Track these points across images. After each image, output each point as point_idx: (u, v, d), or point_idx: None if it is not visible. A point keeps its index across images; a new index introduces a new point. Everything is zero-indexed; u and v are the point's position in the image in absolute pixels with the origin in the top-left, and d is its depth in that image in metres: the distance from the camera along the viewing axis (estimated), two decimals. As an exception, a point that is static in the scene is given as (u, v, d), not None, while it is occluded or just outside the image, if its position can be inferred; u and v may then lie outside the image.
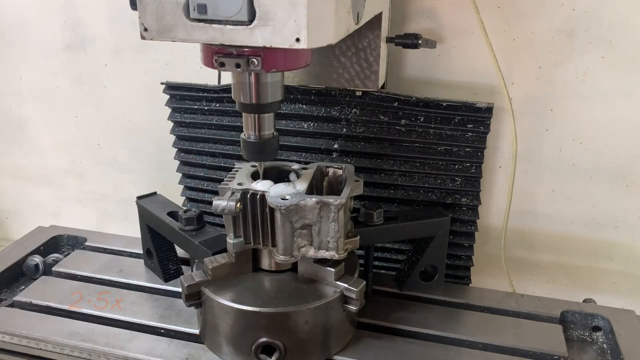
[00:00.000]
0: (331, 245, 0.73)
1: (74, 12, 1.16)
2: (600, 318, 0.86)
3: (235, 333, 0.75)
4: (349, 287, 0.75)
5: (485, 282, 1.08)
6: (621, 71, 0.93)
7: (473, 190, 0.94)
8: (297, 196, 0.72)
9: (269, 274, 0.80)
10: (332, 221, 0.72)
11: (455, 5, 0.95)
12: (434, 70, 1.00)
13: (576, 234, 1.06)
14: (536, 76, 0.97)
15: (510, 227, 1.04)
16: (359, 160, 0.96)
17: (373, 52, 0.87)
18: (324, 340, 0.77)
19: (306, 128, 0.97)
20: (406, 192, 0.97)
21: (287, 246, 0.73)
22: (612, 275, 1.08)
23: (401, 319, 0.85)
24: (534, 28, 0.94)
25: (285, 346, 0.73)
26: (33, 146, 1.34)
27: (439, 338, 0.82)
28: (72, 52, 1.20)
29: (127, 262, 1.00)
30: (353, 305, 0.76)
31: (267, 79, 0.67)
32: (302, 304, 0.73)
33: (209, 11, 0.53)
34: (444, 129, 0.92)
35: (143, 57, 1.15)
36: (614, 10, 0.90)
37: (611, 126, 0.97)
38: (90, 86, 1.22)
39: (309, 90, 0.94)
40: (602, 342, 0.85)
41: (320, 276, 0.78)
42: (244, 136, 0.73)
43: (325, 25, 0.54)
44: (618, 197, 1.01)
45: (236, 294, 0.75)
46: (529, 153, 1.01)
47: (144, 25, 0.56)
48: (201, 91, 1.01)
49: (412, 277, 0.91)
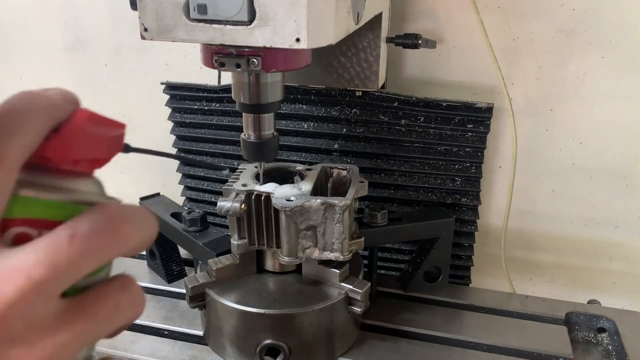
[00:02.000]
0: (336, 246, 0.73)
1: (74, 12, 1.16)
2: (605, 319, 0.86)
3: (240, 335, 0.74)
4: (353, 289, 0.75)
5: (485, 282, 1.08)
6: (621, 71, 0.93)
7: (473, 190, 0.94)
8: (302, 197, 0.72)
9: (273, 275, 0.80)
10: (337, 222, 0.72)
11: (455, 5, 0.95)
12: (434, 70, 1.00)
13: (576, 234, 1.06)
14: (536, 76, 0.97)
15: (510, 227, 1.04)
16: (359, 160, 0.96)
17: (373, 52, 0.87)
18: (329, 342, 0.76)
19: (306, 128, 0.97)
20: (406, 192, 0.97)
21: (292, 247, 0.73)
22: (612, 275, 1.07)
23: (405, 320, 0.84)
24: (534, 28, 0.94)
25: (289, 348, 0.73)
26: (33, 146, 1.34)
27: (444, 339, 0.82)
28: (72, 52, 1.20)
29: (129, 263, 1.00)
30: (358, 307, 0.76)
31: (267, 79, 0.67)
32: (306, 306, 0.73)
33: (209, 11, 0.53)
34: (444, 129, 0.92)
35: (143, 57, 1.16)
36: (614, 10, 0.90)
37: (611, 126, 0.97)
38: (90, 86, 1.22)
39: (309, 90, 0.94)
40: (607, 344, 0.85)
41: (325, 277, 0.78)
42: (244, 136, 0.73)
43: (325, 26, 0.54)
44: (618, 197, 1.01)
45: (240, 296, 0.75)
46: (529, 153, 1.01)
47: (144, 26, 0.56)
48: (201, 91, 1.01)
49: (416, 278, 0.91)
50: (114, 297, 0.28)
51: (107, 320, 0.28)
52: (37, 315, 0.25)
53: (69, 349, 0.26)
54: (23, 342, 0.25)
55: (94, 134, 0.30)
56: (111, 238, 0.27)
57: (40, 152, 0.28)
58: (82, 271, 0.27)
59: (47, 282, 0.25)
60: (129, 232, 0.28)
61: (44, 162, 0.29)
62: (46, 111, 0.28)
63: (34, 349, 0.25)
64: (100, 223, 0.27)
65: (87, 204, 0.29)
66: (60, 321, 0.26)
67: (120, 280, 0.29)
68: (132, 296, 0.29)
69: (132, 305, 0.29)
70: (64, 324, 0.26)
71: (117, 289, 0.29)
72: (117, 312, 0.28)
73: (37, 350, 0.25)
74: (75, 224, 0.27)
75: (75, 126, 0.29)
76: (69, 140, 0.29)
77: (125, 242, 0.28)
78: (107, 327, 0.28)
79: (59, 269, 0.25)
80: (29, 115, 0.27)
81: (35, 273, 0.25)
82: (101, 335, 0.28)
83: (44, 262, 0.25)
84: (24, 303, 0.25)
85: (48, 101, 0.28)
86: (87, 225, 0.27)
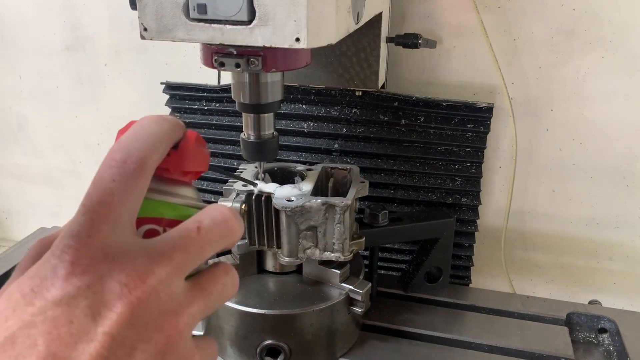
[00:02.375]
0: (337, 246, 0.73)
1: (73, 12, 1.16)
2: (606, 320, 0.86)
3: (240, 335, 0.74)
4: (354, 289, 0.75)
5: (485, 282, 1.08)
6: (621, 71, 0.93)
7: (473, 190, 0.94)
8: (303, 198, 0.72)
9: (273, 275, 0.80)
10: (338, 223, 0.71)
11: (455, 5, 0.95)
12: (434, 70, 1.00)
13: (576, 234, 1.06)
14: (536, 76, 0.97)
15: (510, 227, 1.04)
16: (359, 160, 0.96)
17: (373, 52, 0.87)
18: (329, 343, 0.76)
19: (306, 128, 0.97)
20: (406, 192, 0.96)
21: (293, 248, 0.73)
22: (613, 275, 1.07)
23: (406, 320, 0.84)
24: (534, 28, 0.94)
25: (290, 348, 0.73)
26: (33, 146, 1.34)
27: (445, 340, 0.81)
28: (72, 52, 1.20)
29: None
30: (358, 308, 0.76)
31: (267, 79, 0.67)
32: (307, 306, 0.73)
33: (208, 11, 0.53)
34: (444, 129, 0.92)
35: (143, 57, 1.15)
36: (614, 10, 0.90)
37: (611, 126, 0.97)
38: (90, 86, 1.22)
39: (309, 90, 0.94)
40: (609, 344, 0.84)
41: (326, 278, 0.77)
42: (244, 136, 0.72)
43: (325, 25, 0.54)
44: (618, 197, 1.01)
45: (241, 296, 0.74)
46: (529, 153, 1.01)
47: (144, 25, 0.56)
48: (201, 91, 1.01)
49: (416, 278, 0.90)
50: (222, 278, 0.35)
51: (219, 297, 0.35)
52: (176, 290, 0.32)
53: (195, 318, 0.33)
54: (168, 311, 0.31)
55: (200, 152, 0.38)
56: (227, 230, 0.34)
57: (162, 164, 0.35)
58: (206, 256, 0.33)
59: (183, 264, 0.32)
60: (237, 227, 0.35)
61: (163, 173, 0.36)
62: (171, 132, 0.36)
63: (177, 317, 0.31)
64: (218, 218, 0.34)
65: (192, 207, 0.37)
66: (189, 297, 0.32)
67: (223, 266, 0.36)
68: (234, 278, 0.36)
69: (233, 285, 0.36)
70: (192, 299, 0.33)
71: (222, 272, 0.36)
72: (225, 290, 0.35)
73: (178, 317, 0.31)
74: (199, 218, 0.34)
75: (189, 145, 0.37)
76: (185, 156, 0.37)
77: (235, 234, 0.35)
78: (219, 302, 0.35)
79: (191, 253, 0.32)
80: (161, 134, 0.35)
81: (176, 256, 0.32)
82: (213, 309, 0.35)
83: (180, 248, 0.32)
84: (167, 280, 0.31)
85: (171, 124, 0.36)
86: (209, 220, 0.34)
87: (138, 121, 0.35)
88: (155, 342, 0.30)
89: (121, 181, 0.32)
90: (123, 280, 0.30)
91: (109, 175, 0.32)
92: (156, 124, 0.35)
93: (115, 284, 0.29)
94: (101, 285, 0.29)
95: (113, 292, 0.29)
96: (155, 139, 0.34)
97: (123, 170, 0.32)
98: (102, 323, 0.29)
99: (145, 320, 0.29)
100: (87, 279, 0.29)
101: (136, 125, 0.35)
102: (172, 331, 0.31)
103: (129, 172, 0.32)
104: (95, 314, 0.29)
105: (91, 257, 0.30)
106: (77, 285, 0.29)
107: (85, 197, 0.32)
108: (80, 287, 0.29)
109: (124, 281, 0.30)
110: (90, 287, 0.29)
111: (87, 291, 0.29)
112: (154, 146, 0.34)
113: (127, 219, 0.32)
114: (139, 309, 0.29)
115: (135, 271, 0.30)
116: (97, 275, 0.30)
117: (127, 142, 0.33)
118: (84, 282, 0.29)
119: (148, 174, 0.33)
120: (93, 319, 0.29)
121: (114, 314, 0.29)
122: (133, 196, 0.32)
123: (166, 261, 0.31)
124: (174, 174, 0.37)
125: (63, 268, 0.29)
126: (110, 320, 0.29)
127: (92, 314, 0.29)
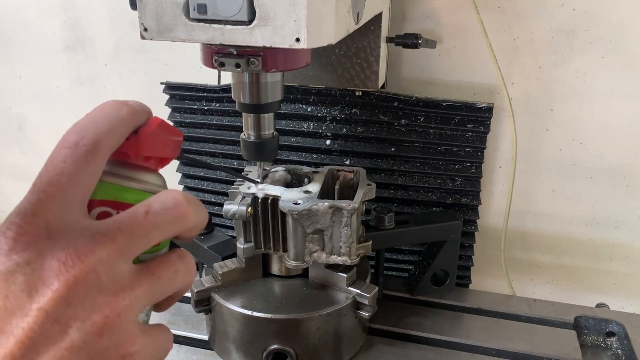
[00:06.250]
0: (343, 250, 0.72)
1: (73, 12, 1.16)
2: (614, 323, 0.85)
3: (246, 339, 0.74)
4: (361, 293, 0.74)
5: (485, 282, 1.08)
6: (621, 71, 0.93)
7: (473, 190, 0.94)
8: (309, 201, 0.71)
9: (279, 279, 0.79)
10: (345, 226, 0.71)
11: (455, 5, 0.95)
12: (434, 70, 1.00)
13: (576, 234, 1.06)
14: (536, 76, 0.97)
15: (510, 227, 1.04)
16: (359, 160, 0.96)
17: (373, 52, 0.87)
18: (336, 347, 0.76)
19: (306, 128, 0.97)
20: (406, 192, 0.96)
21: (299, 251, 0.73)
22: (613, 275, 1.07)
23: (413, 324, 0.84)
24: (534, 28, 0.94)
25: (296, 353, 0.72)
26: (32, 146, 1.34)
27: (452, 344, 0.81)
28: (72, 52, 1.20)
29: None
30: (365, 312, 0.75)
31: (267, 79, 0.66)
32: (313, 311, 0.72)
33: (209, 11, 0.53)
34: (444, 129, 0.92)
35: (143, 57, 1.15)
36: (614, 10, 0.90)
37: (611, 126, 0.97)
38: (90, 86, 1.22)
39: (309, 90, 0.94)
40: (617, 348, 0.84)
41: (332, 282, 0.77)
42: (244, 136, 0.72)
43: (325, 25, 0.54)
44: (618, 197, 1.01)
45: (247, 300, 0.74)
46: (529, 153, 1.01)
47: (144, 25, 0.56)
48: (201, 91, 1.01)
49: (423, 281, 0.90)
50: (174, 264, 0.35)
51: (168, 282, 0.35)
52: (118, 272, 0.31)
53: (139, 302, 0.32)
54: (108, 292, 0.31)
55: (163, 138, 0.38)
56: (177, 215, 0.34)
57: (121, 149, 0.35)
58: (153, 240, 0.33)
59: (127, 246, 0.32)
60: (190, 213, 0.34)
61: (123, 157, 0.36)
62: (130, 117, 0.35)
63: (117, 298, 0.31)
64: (169, 204, 0.34)
65: (153, 193, 0.36)
66: (134, 279, 0.32)
67: (178, 252, 0.36)
68: (188, 265, 0.36)
69: (187, 272, 0.36)
70: (137, 282, 0.32)
71: (175, 258, 0.36)
72: (176, 276, 0.35)
73: (118, 299, 0.31)
74: (149, 203, 0.34)
75: (149, 130, 0.37)
76: (144, 141, 0.36)
77: (186, 220, 0.34)
78: (168, 288, 0.35)
79: (136, 236, 0.32)
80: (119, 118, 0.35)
81: (119, 238, 0.32)
82: (162, 295, 0.34)
83: (125, 230, 0.32)
84: (109, 261, 0.31)
85: (131, 109, 0.36)
86: (159, 204, 0.33)
87: (99, 105, 0.36)
88: (92, 322, 0.30)
89: (72, 162, 0.32)
90: (62, 258, 0.30)
91: (61, 156, 0.33)
92: (115, 109, 0.35)
93: (55, 262, 0.30)
94: (40, 262, 0.30)
95: (51, 269, 0.30)
96: (112, 122, 0.34)
97: (74, 152, 0.33)
98: (37, 299, 0.29)
99: (82, 299, 0.30)
100: (26, 255, 0.30)
101: (95, 109, 0.35)
102: (111, 312, 0.30)
103: (80, 153, 0.33)
104: (32, 289, 0.29)
105: (33, 234, 0.30)
106: (16, 261, 0.30)
107: (37, 177, 0.32)
108: (19, 262, 0.30)
109: (63, 259, 0.30)
110: (30, 263, 0.30)
111: (25, 267, 0.29)
112: (110, 129, 0.34)
113: (76, 200, 0.32)
114: (75, 288, 0.29)
115: (75, 250, 0.30)
116: (38, 252, 0.30)
117: (82, 125, 0.34)
118: (24, 258, 0.30)
119: (102, 157, 0.33)
120: (29, 295, 0.29)
121: (49, 291, 0.29)
122: (84, 177, 0.33)
123: (108, 242, 0.31)
124: (135, 159, 0.37)
125: (5, 244, 0.30)
126: (45, 297, 0.29)
127: (29, 289, 0.29)
